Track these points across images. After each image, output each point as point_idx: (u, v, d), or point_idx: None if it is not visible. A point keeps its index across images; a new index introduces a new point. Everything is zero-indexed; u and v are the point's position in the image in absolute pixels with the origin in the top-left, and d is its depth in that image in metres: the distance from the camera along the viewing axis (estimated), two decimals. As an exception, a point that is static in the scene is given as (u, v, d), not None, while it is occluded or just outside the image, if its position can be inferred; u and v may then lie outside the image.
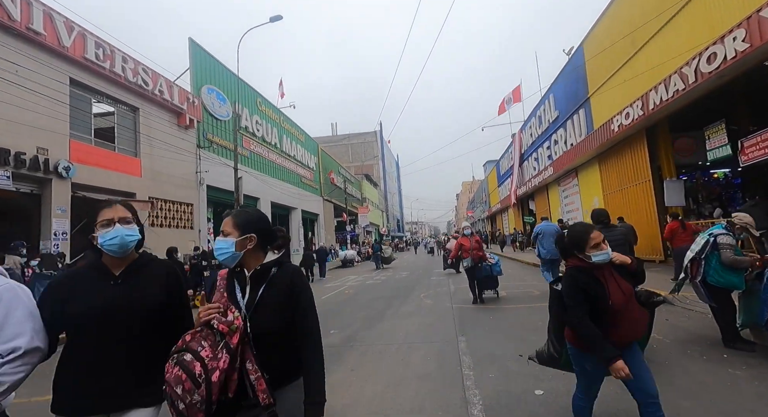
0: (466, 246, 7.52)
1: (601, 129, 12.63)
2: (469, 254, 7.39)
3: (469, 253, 7.39)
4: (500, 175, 36.45)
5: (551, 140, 19.83)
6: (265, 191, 20.80)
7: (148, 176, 12.58)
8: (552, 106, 19.27)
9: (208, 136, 16.15)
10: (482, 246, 7.74)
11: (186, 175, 14.59)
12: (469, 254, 7.40)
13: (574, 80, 16.22)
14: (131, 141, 12.30)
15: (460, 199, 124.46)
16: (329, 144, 54.25)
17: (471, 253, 7.37)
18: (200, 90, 15.93)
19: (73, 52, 9.93)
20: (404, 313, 6.85)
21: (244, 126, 19.47)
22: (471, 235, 7.75)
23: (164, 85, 13.21)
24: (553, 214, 20.96)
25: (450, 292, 9.37)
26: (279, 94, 24.28)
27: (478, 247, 7.55)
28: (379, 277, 14.94)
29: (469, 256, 7.36)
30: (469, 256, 7.36)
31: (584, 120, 15.47)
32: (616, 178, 13.04)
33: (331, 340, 5.35)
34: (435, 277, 13.25)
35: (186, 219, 14.42)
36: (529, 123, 24.00)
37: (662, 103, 9.00)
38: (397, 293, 9.81)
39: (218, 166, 15.91)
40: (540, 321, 5.41)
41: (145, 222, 12.12)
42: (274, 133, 22.95)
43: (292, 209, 25.23)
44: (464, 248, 7.53)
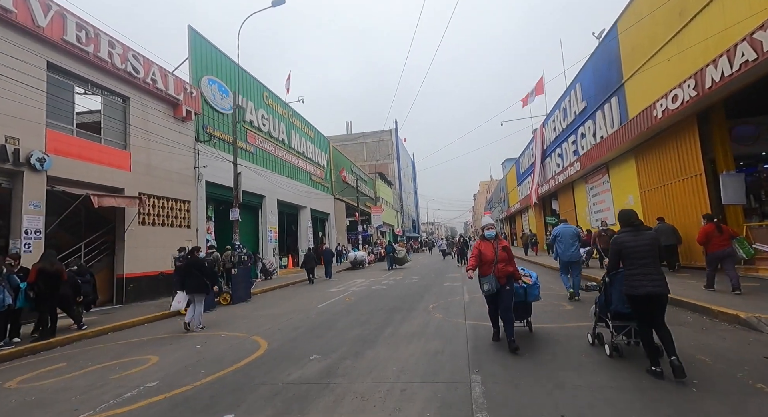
0: (488, 256, 4.64)
1: (640, 117, 11.05)
2: (492, 269, 4.59)
3: (492, 268, 4.59)
4: (520, 174, 34.67)
5: (577, 134, 18.19)
6: (271, 189, 19.89)
7: (139, 171, 11.74)
8: (578, 96, 17.63)
9: (208, 129, 15.28)
10: (512, 256, 4.83)
11: (183, 170, 13.74)
12: (491, 269, 4.59)
13: (606, 66, 14.60)
14: (120, 133, 11.48)
15: (477, 200, 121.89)
16: (344, 143, 53.42)
17: (495, 267, 4.59)
18: (200, 81, 15.08)
19: (50, 34, 9.11)
20: (405, 334, 5.60)
21: (249, 120, 18.60)
22: (495, 239, 4.82)
23: (158, 74, 12.35)
24: (579, 215, 19.27)
25: (464, 302, 8.07)
26: (286, 88, 23.27)
27: (506, 257, 4.69)
28: (386, 282, 13.72)
29: (492, 273, 4.57)
30: (492, 273, 4.57)
31: (617, 109, 13.86)
32: (656, 174, 11.42)
33: (306, 371, 4.17)
34: (448, 283, 11.94)
35: (183, 217, 13.56)
36: (552, 116, 22.32)
37: (723, 80, 7.46)
38: (402, 303, 8.57)
39: (219, 161, 15.03)
40: (582, 352, 4.10)
41: (134, 219, 11.28)
42: (282, 128, 22.04)
43: (301, 208, 24.29)
44: (484, 260, 4.65)
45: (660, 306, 3.50)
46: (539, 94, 24.92)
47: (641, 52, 11.82)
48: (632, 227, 3.68)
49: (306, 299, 10.51)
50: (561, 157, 21.19)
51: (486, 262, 4.65)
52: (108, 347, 6.17)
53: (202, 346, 5.68)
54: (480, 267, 4.74)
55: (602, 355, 4.05)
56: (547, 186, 23.31)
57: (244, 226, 18.78)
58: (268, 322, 7.33)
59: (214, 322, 8.04)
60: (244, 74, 18.65)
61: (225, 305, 10.37)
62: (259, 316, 8.15)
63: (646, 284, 3.41)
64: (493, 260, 4.61)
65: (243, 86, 18.44)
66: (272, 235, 20.00)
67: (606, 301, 4.06)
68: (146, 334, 7.08)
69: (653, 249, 3.55)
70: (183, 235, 13.39)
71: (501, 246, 4.73)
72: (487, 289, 4.61)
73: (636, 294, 3.47)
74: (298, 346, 5.33)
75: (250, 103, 18.82)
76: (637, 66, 12.13)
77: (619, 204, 14.31)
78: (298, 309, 8.81)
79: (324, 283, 14.93)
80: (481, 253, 4.71)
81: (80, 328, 7.29)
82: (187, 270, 7.21)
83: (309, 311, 8.34)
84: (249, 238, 19.01)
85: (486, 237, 4.87)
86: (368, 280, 14.74)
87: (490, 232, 4.89)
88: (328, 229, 29.13)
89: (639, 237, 3.59)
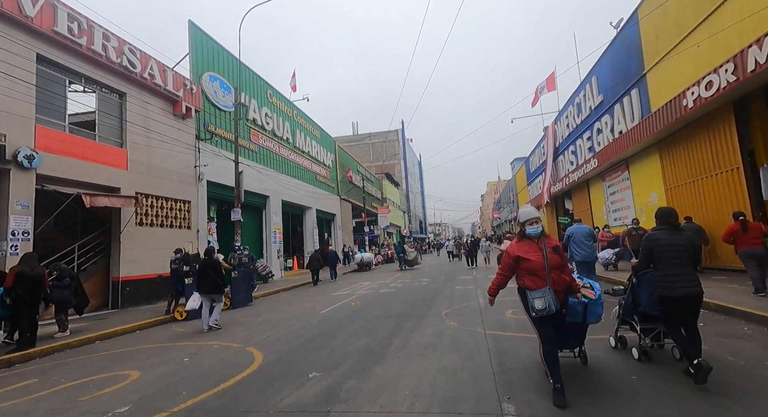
0: (536, 262, 3.24)
1: (666, 108, 10.28)
2: (546, 280, 3.17)
3: (545, 278, 3.17)
4: (530, 173, 33.83)
5: (593, 130, 17.40)
6: (275, 189, 19.38)
7: (136, 169, 11.27)
8: (594, 90, 16.85)
9: (210, 127, 14.81)
10: (567, 263, 3.57)
11: (183, 169, 13.25)
12: (544, 281, 3.17)
13: (625, 56, 13.84)
14: (116, 130, 11.01)
15: (485, 200, 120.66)
16: (350, 143, 52.96)
17: (548, 278, 3.18)
18: (201, 77, 14.62)
19: (40, 25, 8.65)
20: (417, 346, 4.95)
21: (252, 118, 18.12)
22: (541, 237, 3.36)
23: (156, 69, 11.89)
24: (595, 214, 18.45)
25: (479, 308, 7.39)
26: (291, 87, 22.77)
27: (560, 263, 3.30)
28: (394, 285, 13.08)
29: (546, 287, 3.15)
30: (546, 287, 3.15)
31: (638, 102, 13.09)
32: (684, 168, 10.63)
33: (303, 394, 3.55)
34: (460, 286, 11.26)
35: (183, 217, 13.07)
36: (565, 112, 21.52)
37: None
38: (412, 309, 7.92)
39: (221, 160, 14.53)
40: (633, 373, 3.42)
41: (131, 220, 10.79)
42: (286, 127, 21.54)
43: (306, 209, 23.77)
44: (530, 268, 3.26)
45: (694, 308, 3.44)
46: (551, 89, 24.13)
47: (666, 39, 11.06)
48: (669, 225, 3.50)
49: (310, 303, 9.92)
50: (575, 155, 20.38)
51: (533, 270, 3.22)
52: (88, 360, 5.61)
53: (190, 359, 5.10)
54: (524, 278, 3.31)
55: (656, 377, 3.37)
56: (559, 185, 22.49)
57: (248, 227, 18.30)
58: (266, 330, 6.74)
59: (209, 329, 7.48)
60: (247, 71, 18.19)
61: (224, 310, 9.80)
62: (258, 323, 7.57)
63: (681, 285, 3.29)
64: (544, 267, 3.18)
65: (246, 83, 17.97)
66: (276, 236, 19.48)
67: (633, 302, 3.89)
68: (135, 344, 6.52)
69: (689, 250, 3.40)
70: (183, 237, 12.90)
71: (551, 246, 3.29)
72: (541, 308, 3.08)
73: (672, 295, 3.33)
74: (297, 359, 4.72)
75: (254, 101, 18.34)
76: (661, 54, 11.36)
77: (641, 202, 13.51)
78: (301, 315, 8.21)
79: (329, 286, 14.33)
80: (522, 260, 3.27)
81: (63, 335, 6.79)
82: (203, 271, 7.23)
83: (312, 317, 7.74)
84: (252, 239, 18.52)
85: (528, 235, 3.36)
86: (375, 283, 14.11)
87: (535, 228, 3.32)
88: (334, 230, 28.57)
89: (675, 236, 3.44)
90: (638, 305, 3.80)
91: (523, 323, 5.80)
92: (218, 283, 7.18)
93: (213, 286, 7.13)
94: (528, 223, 3.39)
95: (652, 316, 3.70)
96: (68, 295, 6.82)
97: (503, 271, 3.46)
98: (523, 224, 3.43)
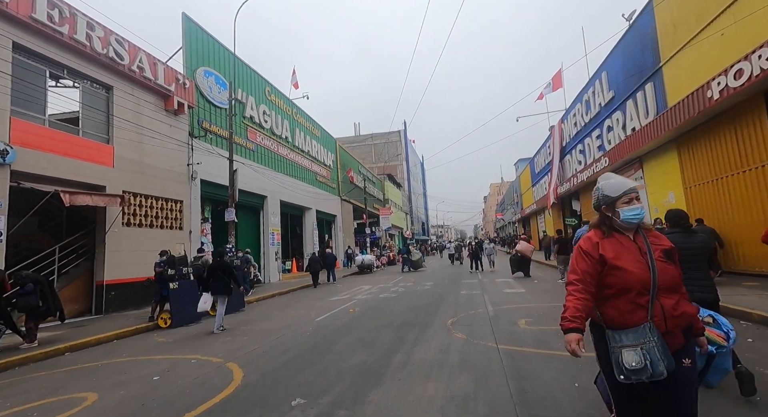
0: (633, 275, 1.74)
1: (686, 101, 9.60)
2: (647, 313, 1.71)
3: (647, 308, 1.71)
4: (535, 174, 33.13)
5: (603, 127, 16.73)
6: (273, 189, 18.78)
7: (124, 167, 10.68)
8: (604, 86, 16.19)
9: (204, 124, 14.23)
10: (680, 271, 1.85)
11: (175, 167, 12.67)
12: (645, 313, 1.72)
13: (638, 49, 13.18)
14: (102, 125, 10.44)
15: (487, 202, 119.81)
16: (352, 144, 52.39)
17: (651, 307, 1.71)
18: (195, 72, 14.05)
19: (16, 10, 8.09)
20: (421, 365, 4.29)
21: (249, 116, 17.55)
22: (639, 230, 1.87)
23: (145, 61, 11.32)
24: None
25: (488, 317, 6.73)
26: (293, 84, 22.21)
27: (675, 281, 1.78)
28: (396, 289, 12.42)
29: (648, 321, 1.69)
30: (648, 321, 1.69)
31: (652, 96, 12.42)
32: (706, 166, 9.93)
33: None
34: (465, 291, 10.59)
35: (174, 218, 12.47)
36: (573, 110, 20.85)
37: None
38: (415, 317, 7.27)
39: (215, 158, 13.93)
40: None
41: (117, 220, 10.20)
42: (285, 125, 20.96)
43: (306, 209, 23.16)
44: (613, 281, 1.78)
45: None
46: (557, 87, 23.47)
47: (684, 28, 10.40)
48: (681, 228, 3.36)
49: (305, 309, 9.27)
50: (583, 154, 19.71)
51: (626, 288, 1.76)
52: (48, 377, 4.97)
53: (160, 378, 4.46)
54: (605, 304, 1.82)
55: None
56: (567, 185, 21.78)
57: (244, 229, 17.70)
58: (253, 341, 6.10)
59: (192, 338, 6.84)
60: (244, 67, 17.63)
61: (214, 316, 9.18)
62: (246, 332, 6.93)
63: (694, 290, 3.02)
64: (648, 284, 1.73)
65: (243, 80, 17.41)
66: (274, 237, 18.87)
67: None
68: (107, 356, 5.90)
69: (703, 253, 3.25)
70: (175, 238, 12.31)
71: (660, 249, 1.82)
72: (636, 367, 1.64)
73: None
74: (281, 380, 4.07)
75: (251, 98, 17.77)
76: (678, 45, 10.70)
77: (656, 202, 12.80)
78: (294, 323, 7.56)
79: (328, 289, 13.68)
80: (610, 268, 1.80)
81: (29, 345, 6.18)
82: (213, 272, 7.37)
83: (305, 326, 7.10)
84: (250, 241, 17.92)
85: (623, 224, 1.85)
86: (376, 287, 13.45)
87: (635, 211, 1.82)
88: (334, 231, 27.95)
89: (688, 239, 3.26)
90: None
91: (540, 336, 5.14)
92: (229, 284, 7.33)
93: (225, 288, 7.32)
94: (622, 200, 1.83)
95: None
96: (34, 301, 6.21)
97: (582, 282, 1.80)
98: (613, 203, 1.85)
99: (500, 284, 11.73)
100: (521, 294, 9.37)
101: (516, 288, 10.63)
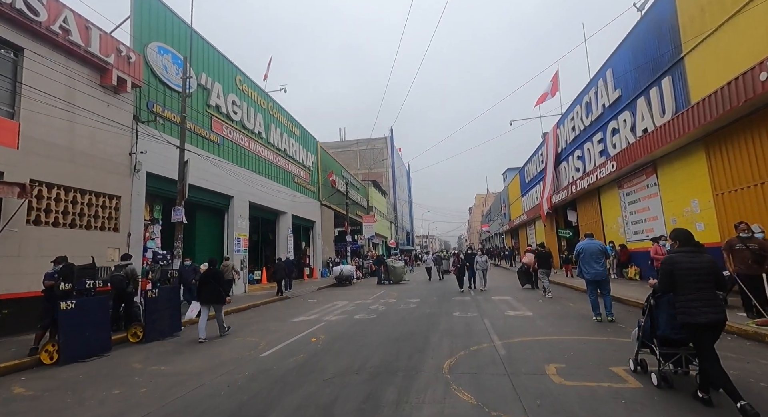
0: None
1: (724, 91, 8.09)
2: None
3: None
4: (525, 183, 31.87)
5: (606, 130, 15.36)
6: (241, 188, 16.64)
7: (34, 150, 8.46)
8: (609, 85, 14.84)
9: (156, 108, 12.09)
10: None
11: (112, 156, 10.47)
12: None
13: (653, 40, 11.81)
14: (5, 94, 8.22)
15: (473, 213, 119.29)
16: (337, 150, 50.52)
17: None
18: (146, 47, 11.96)
19: None
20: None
21: (215, 104, 15.47)
22: None
23: (73, 23, 9.20)
24: (608, 227, 16.23)
25: (498, 356, 4.84)
26: (264, 74, 20.27)
27: None
28: (375, 307, 10.42)
29: None
30: None
31: (670, 92, 11.01)
32: (744, 168, 8.41)
33: None
34: (459, 312, 8.70)
35: (107, 217, 10.22)
36: (570, 114, 19.55)
37: None
38: (396, 354, 5.31)
39: (169, 149, 11.69)
40: None
41: (17, 215, 7.92)
42: (259, 120, 18.90)
43: (281, 214, 21.00)
44: None
45: (717, 333, 3.20)
46: (555, 91, 22.22)
47: (715, 10, 9.00)
48: (693, 247, 3.37)
49: (257, 335, 7.18)
50: (581, 160, 18.33)
51: None
52: None
53: None
54: None
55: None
56: (563, 194, 20.33)
57: (205, 233, 15.45)
58: (153, 397, 4.03)
59: (72, 385, 4.68)
60: (209, 49, 15.57)
61: (134, 344, 6.98)
62: (152, 378, 4.82)
63: (708, 311, 3.09)
64: None
65: (209, 63, 15.36)
66: (241, 243, 16.64)
67: (652, 325, 3.69)
68: None
69: (711, 273, 3.22)
70: (106, 241, 10.04)
71: None
72: None
73: (698, 322, 3.11)
74: None
75: (218, 85, 15.71)
76: (706, 31, 9.29)
77: (674, 212, 11.28)
78: (230, 360, 5.49)
79: (294, 307, 11.53)
80: None
81: None
82: (205, 280, 7.27)
83: (242, 367, 5.04)
84: (211, 246, 15.66)
85: None
86: (353, 304, 11.42)
87: None
88: (313, 238, 25.78)
89: (695, 259, 3.27)
90: (657, 328, 3.64)
91: (593, 402, 3.24)
92: (219, 292, 7.21)
93: (214, 295, 7.16)
94: None
95: (673, 340, 3.52)
96: None
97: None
98: None
99: (499, 304, 9.89)
100: (529, 319, 7.53)
101: (520, 309, 8.80)
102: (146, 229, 12.12)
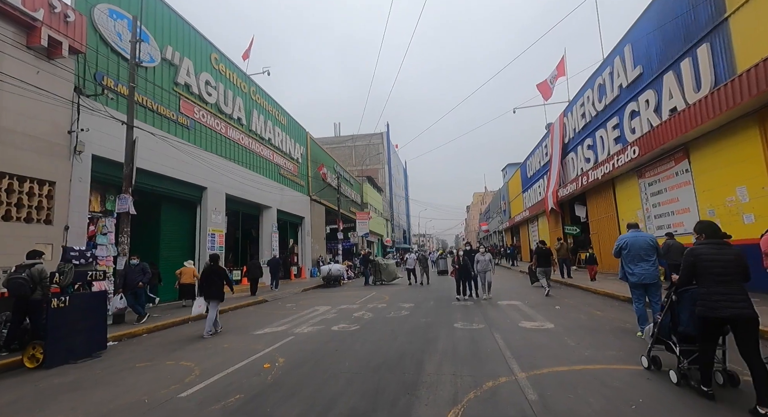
0: None
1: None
2: None
3: None
4: (526, 178, 30.23)
5: (623, 114, 13.76)
6: (217, 179, 14.90)
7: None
8: (628, 62, 13.21)
9: (106, 80, 10.30)
10: None
11: (45, 134, 8.70)
12: None
13: (684, 3, 10.16)
14: None
15: (470, 212, 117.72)
16: (331, 145, 48.78)
17: None
18: (93, 9, 10.17)
19: None
20: None
21: (185, 83, 13.69)
22: None
23: (-16, -36, 7.43)
24: (623, 222, 14.58)
25: (527, 402, 3.15)
26: (243, 54, 18.48)
27: None
28: (360, 314, 8.72)
29: None
30: None
31: (708, 62, 9.42)
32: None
33: None
34: (461, 323, 7.01)
35: (37, 206, 8.46)
36: (580, 99, 17.89)
37: None
38: (374, 394, 3.64)
39: (123, 130, 9.87)
40: None
41: None
42: (239, 104, 17.13)
43: (264, 208, 19.25)
44: None
45: (749, 335, 2.95)
46: (560, 75, 20.59)
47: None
48: (719, 239, 3.23)
49: (194, 359, 5.45)
50: (593, 149, 16.70)
51: None
52: None
53: None
54: None
55: None
56: (571, 187, 18.69)
57: (172, 228, 13.67)
58: None
59: None
60: (174, 16, 13.73)
61: (30, 370, 5.24)
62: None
63: (728, 306, 2.95)
64: None
65: (175, 35, 13.56)
66: (216, 240, 14.88)
67: (672, 321, 3.60)
68: None
69: (738, 266, 3.07)
70: (35, 235, 8.29)
71: None
72: None
73: (715, 316, 3.00)
74: None
75: (188, 61, 13.92)
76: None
77: (711, 202, 9.64)
78: (132, 403, 3.78)
79: (266, 312, 9.80)
80: None
81: None
82: (208, 277, 7.43)
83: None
84: (181, 244, 13.91)
85: None
86: (335, 309, 9.72)
87: None
88: (302, 235, 24.03)
89: (721, 250, 3.15)
90: (678, 324, 3.55)
91: None
92: (222, 289, 7.50)
93: (218, 293, 7.44)
94: None
95: (694, 336, 3.38)
96: None
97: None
98: None
99: (508, 311, 8.22)
100: (553, 334, 5.86)
101: (536, 319, 7.12)
102: (94, 223, 10.35)
